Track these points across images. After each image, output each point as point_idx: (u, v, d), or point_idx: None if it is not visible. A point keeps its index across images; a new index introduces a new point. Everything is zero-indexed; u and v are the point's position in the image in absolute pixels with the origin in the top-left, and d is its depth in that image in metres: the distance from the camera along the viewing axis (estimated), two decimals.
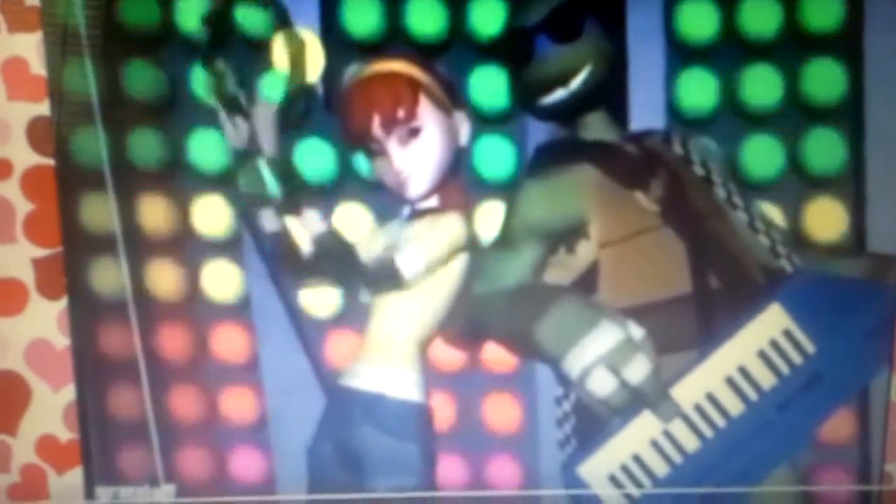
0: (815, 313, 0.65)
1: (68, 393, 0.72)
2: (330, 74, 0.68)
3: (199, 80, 0.67)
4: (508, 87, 0.67)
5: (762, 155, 0.69)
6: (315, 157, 0.69)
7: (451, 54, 0.68)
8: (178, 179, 0.69)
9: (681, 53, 0.68)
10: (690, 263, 0.66)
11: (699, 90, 0.68)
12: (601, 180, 0.67)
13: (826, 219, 0.69)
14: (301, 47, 0.66)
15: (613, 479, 0.66)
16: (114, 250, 0.69)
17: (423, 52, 0.67)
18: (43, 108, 0.68)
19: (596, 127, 0.68)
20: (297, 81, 0.66)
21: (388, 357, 0.68)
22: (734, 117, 0.68)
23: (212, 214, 0.69)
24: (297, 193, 0.67)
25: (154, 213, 0.70)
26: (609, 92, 0.67)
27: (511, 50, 0.66)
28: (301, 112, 0.67)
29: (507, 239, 0.68)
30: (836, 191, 0.69)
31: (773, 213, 0.69)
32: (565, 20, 0.65)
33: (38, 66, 0.68)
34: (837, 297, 0.66)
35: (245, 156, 0.66)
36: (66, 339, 0.71)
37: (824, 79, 0.67)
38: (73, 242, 0.70)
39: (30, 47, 0.68)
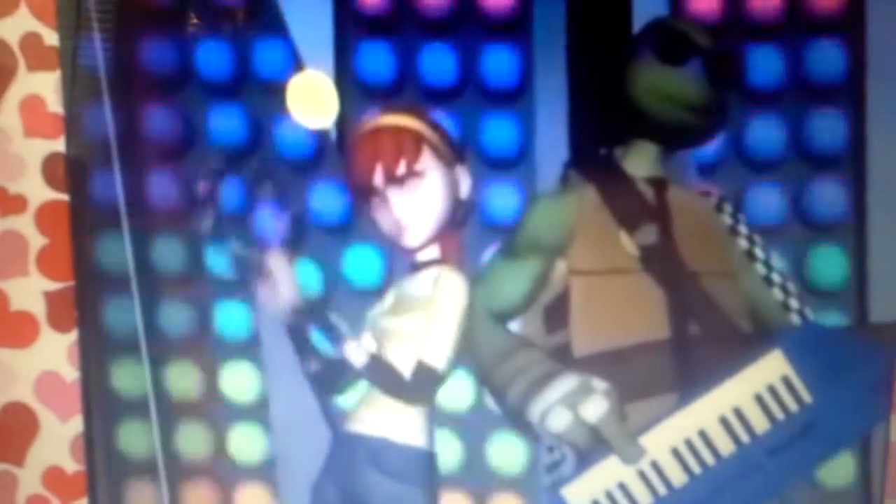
0: (816, 364, 0.66)
1: (76, 425, 0.73)
2: (343, 120, 0.69)
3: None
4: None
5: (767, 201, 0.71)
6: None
7: (462, 101, 0.69)
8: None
9: None
10: (670, 311, 0.67)
11: None
12: (596, 208, 0.69)
13: (829, 267, 0.70)
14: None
15: None
16: (127, 288, 0.70)
17: (436, 99, 0.69)
18: (58, 145, 0.70)
19: (646, 159, 0.69)
20: None
21: (392, 402, 0.68)
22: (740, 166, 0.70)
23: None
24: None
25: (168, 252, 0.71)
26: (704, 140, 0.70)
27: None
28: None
29: (510, 249, 0.69)
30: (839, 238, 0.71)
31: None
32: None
33: (55, 104, 0.69)
34: (840, 350, 0.67)
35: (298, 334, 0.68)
36: (75, 371, 0.72)
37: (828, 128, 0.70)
38: (86, 277, 0.71)
39: (47, 86, 0.69)
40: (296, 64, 0.68)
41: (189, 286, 0.71)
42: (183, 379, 0.72)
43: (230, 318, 0.71)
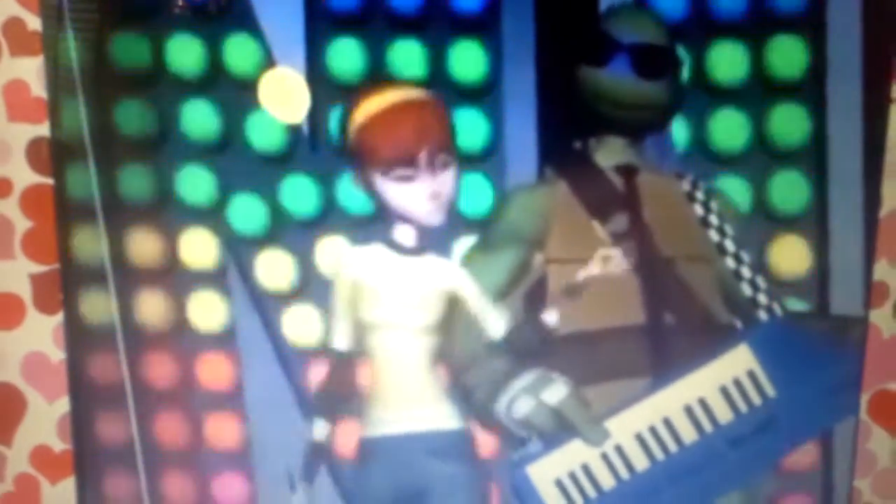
0: (782, 360, 0.67)
1: (62, 405, 0.74)
2: (314, 114, 0.70)
3: None
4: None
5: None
6: None
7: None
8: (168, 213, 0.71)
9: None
10: (644, 298, 0.68)
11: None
12: (568, 199, 0.70)
13: (791, 257, 0.71)
14: None
15: (559, 484, 0.67)
16: (104, 279, 0.71)
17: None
18: (43, 130, 0.70)
19: (614, 150, 0.70)
20: None
21: (418, 396, 0.70)
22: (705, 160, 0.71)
23: (199, 247, 0.71)
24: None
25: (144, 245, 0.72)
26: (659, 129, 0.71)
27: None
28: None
29: (490, 241, 0.71)
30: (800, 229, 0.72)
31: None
32: (656, 59, 0.68)
33: (38, 89, 0.70)
34: (806, 348, 0.68)
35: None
36: (61, 352, 0.73)
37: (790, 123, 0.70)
38: (70, 261, 0.72)
39: (31, 71, 0.70)
40: (268, 60, 0.68)
41: (166, 278, 0.72)
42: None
43: (205, 308, 0.72)
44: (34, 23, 0.69)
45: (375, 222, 0.70)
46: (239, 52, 0.69)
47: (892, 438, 0.76)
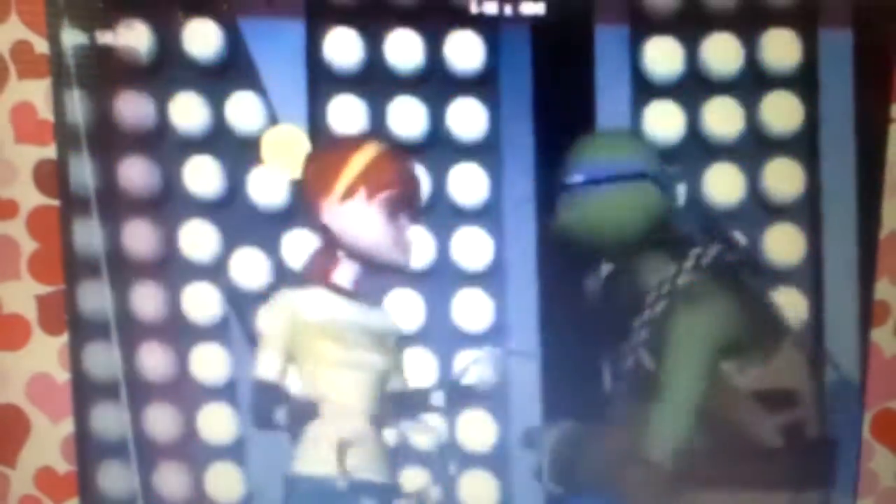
0: None
1: (67, 426, 0.74)
2: None
3: None
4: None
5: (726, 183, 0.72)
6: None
7: (431, 153, 0.71)
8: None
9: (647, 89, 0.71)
10: None
11: (665, 124, 0.71)
12: None
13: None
14: None
15: None
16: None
17: (404, 154, 0.71)
18: (49, 152, 0.71)
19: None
20: None
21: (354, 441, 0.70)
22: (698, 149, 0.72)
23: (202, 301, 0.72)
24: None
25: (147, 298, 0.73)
26: None
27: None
28: None
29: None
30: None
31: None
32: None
33: (45, 111, 0.71)
34: None
35: None
36: (66, 373, 0.74)
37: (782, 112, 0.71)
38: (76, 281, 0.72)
39: (38, 93, 0.70)
40: (270, 117, 0.70)
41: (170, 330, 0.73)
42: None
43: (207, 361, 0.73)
44: (41, 46, 0.70)
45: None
46: (242, 109, 0.70)
47: (895, 457, 0.77)
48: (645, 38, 0.70)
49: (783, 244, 0.72)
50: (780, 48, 0.70)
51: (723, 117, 0.71)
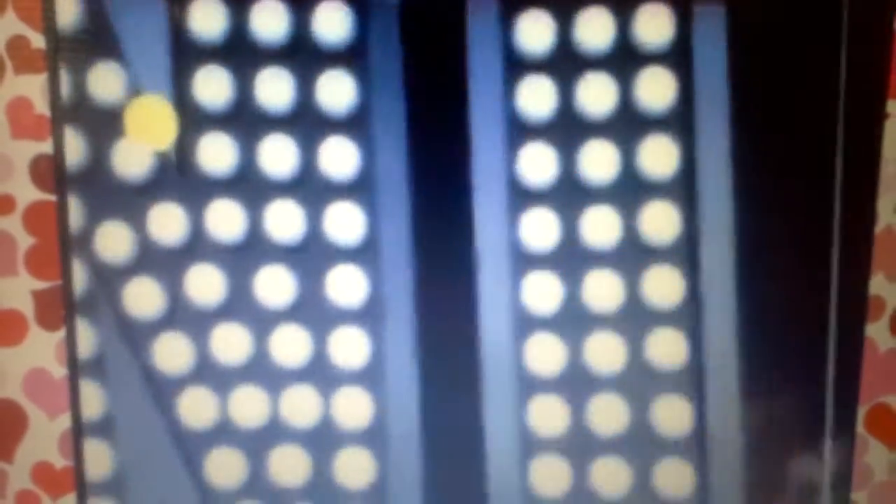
0: None
1: (64, 421, 0.74)
2: (181, 143, 0.71)
3: None
4: None
5: (598, 160, 0.72)
6: None
7: (300, 127, 0.71)
8: None
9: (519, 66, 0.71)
10: None
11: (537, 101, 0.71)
12: None
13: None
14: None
15: None
16: None
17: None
18: (46, 147, 0.71)
19: None
20: None
21: None
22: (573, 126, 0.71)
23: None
24: None
25: None
26: None
27: None
28: None
29: None
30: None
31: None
32: None
33: (42, 107, 0.70)
34: None
35: None
36: (63, 369, 0.74)
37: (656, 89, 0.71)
38: (72, 276, 0.72)
39: (34, 88, 0.70)
40: (133, 89, 0.70)
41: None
42: None
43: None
44: (38, 41, 0.70)
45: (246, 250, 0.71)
46: (104, 80, 0.70)
47: (889, 452, 0.77)
48: (516, 14, 0.70)
49: (660, 222, 0.72)
50: (654, 24, 0.70)
51: (597, 94, 0.71)
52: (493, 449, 0.73)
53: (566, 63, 0.70)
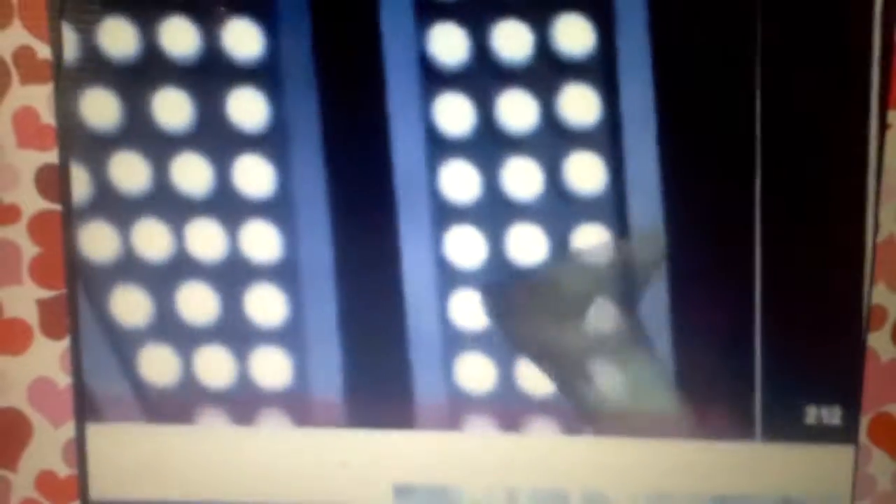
0: None
1: (68, 430, 0.75)
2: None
3: None
4: None
5: (521, 176, 0.71)
6: None
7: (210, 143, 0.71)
8: None
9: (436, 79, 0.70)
10: None
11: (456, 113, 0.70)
12: None
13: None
14: None
15: None
16: None
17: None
18: (52, 157, 0.71)
19: None
20: None
21: None
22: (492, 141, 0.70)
23: None
24: None
25: None
26: None
27: None
28: None
29: None
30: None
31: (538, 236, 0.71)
32: None
33: (47, 116, 0.71)
34: None
35: None
36: (67, 377, 0.74)
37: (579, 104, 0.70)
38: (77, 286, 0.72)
39: (41, 98, 0.71)
40: None
41: None
42: None
43: None
44: (44, 51, 0.70)
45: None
46: None
47: (892, 461, 0.77)
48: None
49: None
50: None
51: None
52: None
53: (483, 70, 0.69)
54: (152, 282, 0.72)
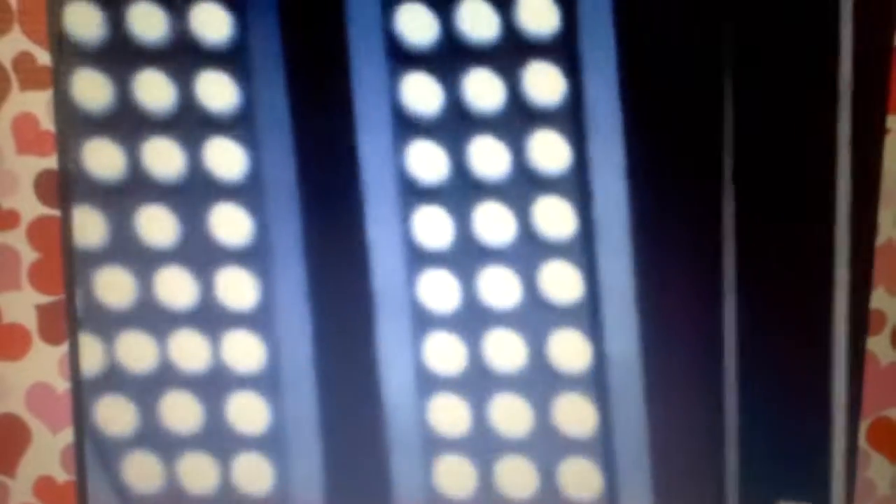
0: None
1: (66, 435, 0.74)
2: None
3: None
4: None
5: (488, 156, 0.71)
6: None
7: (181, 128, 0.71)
8: None
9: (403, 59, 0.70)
10: None
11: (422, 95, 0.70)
12: None
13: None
14: None
15: None
16: None
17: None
18: (51, 163, 0.71)
19: None
20: None
21: None
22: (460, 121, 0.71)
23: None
24: None
25: None
26: None
27: None
28: None
29: None
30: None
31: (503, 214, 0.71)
32: None
33: (47, 123, 0.71)
34: None
35: None
36: (66, 383, 0.74)
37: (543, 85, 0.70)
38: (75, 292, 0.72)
39: (40, 104, 0.71)
40: None
41: None
42: None
43: None
44: (44, 57, 0.70)
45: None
46: None
47: (891, 466, 0.77)
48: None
49: (552, 217, 0.71)
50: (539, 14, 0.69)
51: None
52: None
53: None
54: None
